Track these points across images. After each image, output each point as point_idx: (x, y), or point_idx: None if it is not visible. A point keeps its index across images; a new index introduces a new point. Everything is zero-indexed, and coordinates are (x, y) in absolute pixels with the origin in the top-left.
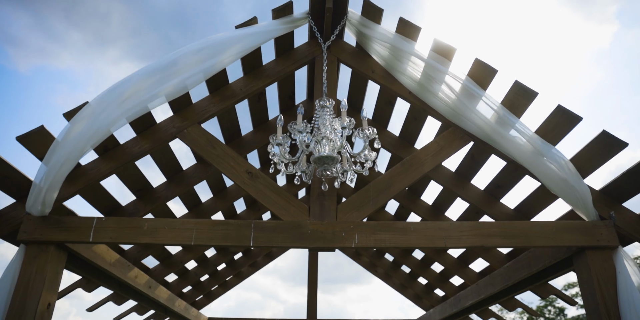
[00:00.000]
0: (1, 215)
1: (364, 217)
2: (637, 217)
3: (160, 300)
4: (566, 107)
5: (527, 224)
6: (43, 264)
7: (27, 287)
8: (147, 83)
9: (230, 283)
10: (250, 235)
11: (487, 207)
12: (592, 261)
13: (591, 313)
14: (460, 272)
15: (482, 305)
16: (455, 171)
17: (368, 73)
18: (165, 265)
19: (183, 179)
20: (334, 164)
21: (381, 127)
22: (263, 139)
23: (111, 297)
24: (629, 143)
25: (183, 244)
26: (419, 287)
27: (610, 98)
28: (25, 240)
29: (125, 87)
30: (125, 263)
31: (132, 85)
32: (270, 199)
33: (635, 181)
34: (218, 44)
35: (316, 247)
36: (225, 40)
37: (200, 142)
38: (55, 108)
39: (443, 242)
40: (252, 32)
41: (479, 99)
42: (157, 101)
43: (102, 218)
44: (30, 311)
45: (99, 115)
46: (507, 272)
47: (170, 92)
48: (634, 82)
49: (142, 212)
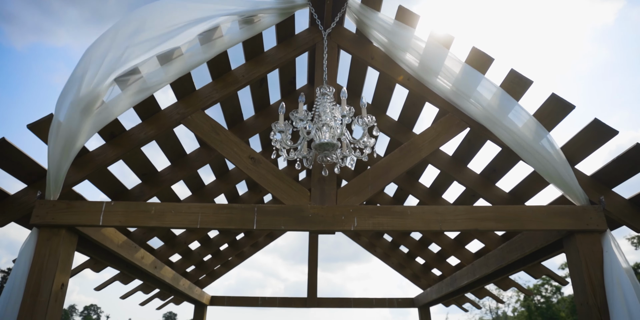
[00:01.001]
0: (13, 200)
1: (363, 201)
2: (626, 202)
3: (166, 280)
4: (560, 96)
5: (519, 208)
6: (56, 246)
7: (42, 268)
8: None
9: (232, 262)
10: (253, 218)
11: (483, 191)
12: (581, 244)
13: (579, 293)
14: (457, 252)
15: (477, 284)
16: (452, 155)
17: (368, 60)
18: (170, 246)
19: (187, 162)
20: (334, 150)
21: (380, 111)
22: (265, 124)
23: (118, 276)
24: (619, 131)
25: (189, 227)
26: (416, 267)
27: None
28: (37, 224)
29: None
30: (132, 244)
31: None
32: (273, 183)
33: (624, 167)
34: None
35: (317, 230)
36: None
37: (204, 128)
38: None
39: (438, 226)
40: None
41: (478, 84)
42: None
43: (111, 202)
44: (45, 291)
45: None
46: (501, 254)
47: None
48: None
49: (147, 195)
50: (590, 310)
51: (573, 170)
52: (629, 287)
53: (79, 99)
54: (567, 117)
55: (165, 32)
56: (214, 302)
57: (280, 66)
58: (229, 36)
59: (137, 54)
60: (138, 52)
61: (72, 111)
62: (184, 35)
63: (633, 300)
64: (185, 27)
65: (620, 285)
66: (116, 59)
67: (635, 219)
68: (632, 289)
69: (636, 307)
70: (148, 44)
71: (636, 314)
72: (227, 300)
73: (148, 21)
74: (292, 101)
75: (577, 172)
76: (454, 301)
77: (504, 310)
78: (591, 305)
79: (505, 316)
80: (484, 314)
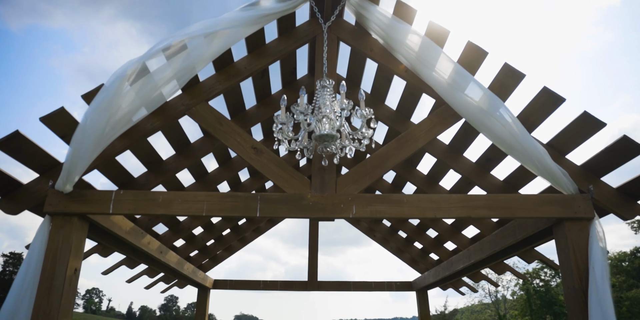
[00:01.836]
0: (26, 189)
1: (361, 190)
2: (613, 191)
3: (171, 264)
4: (551, 89)
5: (511, 197)
6: (68, 233)
7: (56, 254)
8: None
9: (234, 247)
10: (256, 206)
11: (478, 179)
12: (570, 231)
13: (566, 277)
14: (453, 238)
15: (473, 268)
16: (448, 144)
17: (367, 52)
18: (174, 231)
19: (191, 151)
20: (334, 141)
21: (379, 101)
22: (267, 113)
23: (124, 261)
24: (607, 123)
25: (195, 215)
26: (414, 252)
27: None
28: (51, 212)
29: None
30: (139, 230)
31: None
32: (275, 172)
33: (612, 158)
34: (225, 24)
35: (317, 217)
36: (233, 24)
37: (208, 119)
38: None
39: (433, 213)
40: (257, 15)
41: (469, 82)
42: (170, 85)
43: (120, 191)
44: (60, 276)
45: (119, 105)
46: (495, 239)
47: (182, 76)
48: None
49: (153, 184)
50: (577, 293)
51: (564, 160)
52: (601, 273)
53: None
54: (568, 102)
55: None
56: (216, 286)
57: (281, 58)
58: (232, 31)
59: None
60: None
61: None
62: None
63: (603, 285)
64: (202, 54)
65: (594, 270)
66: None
67: (623, 207)
68: (604, 274)
69: (604, 291)
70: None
71: (604, 296)
72: (229, 284)
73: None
74: (292, 91)
75: (568, 161)
76: (451, 285)
77: (503, 294)
78: (577, 289)
79: (504, 299)
80: (483, 297)
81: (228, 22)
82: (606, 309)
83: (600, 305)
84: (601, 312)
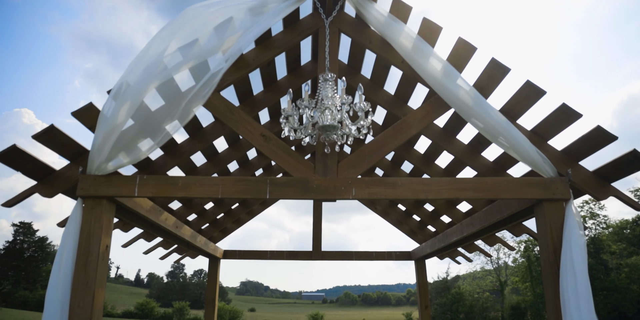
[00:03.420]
0: (59, 174)
1: (360, 173)
2: (590, 174)
3: (185, 238)
4: (533, 82)
5: (496, 180)
6: (99, 214)
7: (89, 233)
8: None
9: (243, 219)
10: (266, 189)
11: (469, 160)
12: (548, 210)
13: (543, 251)
14: (449, 211)
15: (466, 240)
16: (443, 127)
17: (366, 43)
18: (187, 206)
19: (204, 135)
20: (335, 130)
21: (378, 86)
22: (273, 98)
23: (142, 235)
24: (583, 114)
25: (211, 197)
26: (413, 223)
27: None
28: (83, 195)
29: (155, 68)
30: (157, 208)
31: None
32: (282, 158)
33: (588, 144)
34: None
35: (320, 198)
36: (245, 27)
37: (220, 108)
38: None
39: (425, 195)
40: (266, 18)
41: (457, 77)
42: (185, 78)
43: (144, 176)
44: (94, 252)
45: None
46: (484, 215)
47: (196, 72)
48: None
49: (169, 165)
50: (551, 266)
51: (545, 145)
52: (578, 248)
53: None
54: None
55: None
56: (226, 256)
57: (286, 50)
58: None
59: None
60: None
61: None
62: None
63: (579, 259)
64: (214, 53)
65: (570, 244)
66: (157, 63)
67: (597, 189)
68: (580, 249)
69: (579, 264)
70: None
71: (578, 267)
72: (238, 254)
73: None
74: (297, 77)
75: (549, 147)
76: (447, 255)
77: (505, 260)
78: (551, 262)
79: (505, 266)
80: (485, 264)
81: (240, 24)
82: (580, 280)
83: (575, 276)
84: (575, 282)
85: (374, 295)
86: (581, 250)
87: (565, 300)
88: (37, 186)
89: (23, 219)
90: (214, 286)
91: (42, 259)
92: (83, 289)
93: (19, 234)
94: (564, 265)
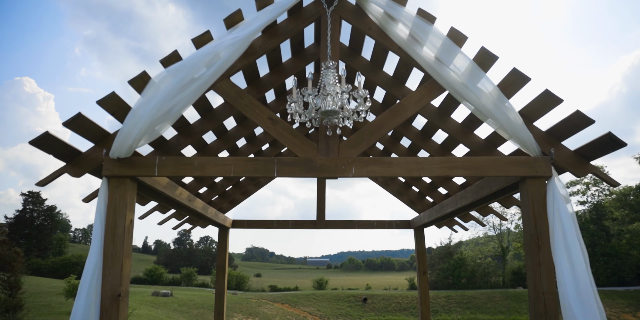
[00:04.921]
0: (85, 156)
1: (360, 153)
2: (571, 153)
3: (198, 210)
4: (519, 69)
5: (483, 159)
6: (123, 192)
7: (115, 209)
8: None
9: (250, 191)
10: (274, 168)
11: (463, 137)
12: (530, 187)
13: (525, 224)
14: (445, 184)
15: (461, 211)
16: (438, 107)
17: (365, 30)
18: (199, 181)
19: (214, 116)
20: (336, 115)
21: (377, 68)
22: (278, 79)
23: (157, 207)
24: (563, 99)
25: (224, 175)
26: (412, 194)
27: None
28: (108, 175)
29: (184, 72)
30: (173, 184)
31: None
32: (288, 139)
33: (570, 126)
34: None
35: (324, 176)
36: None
37: (230, 93)
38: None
39: (418, 173)
40: (271, 9)
41: (453, 57)
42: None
43: (163, 157)
44: (120, 226)
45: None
46: (476, 189)
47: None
48: None
49: (183, 145)
50: (532, 237)
51: (531, 126)
52: (568, 220)
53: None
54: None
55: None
56: (235, 225)
57: (291, 37)
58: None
59: None
60: None
61: None
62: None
63: (569, 228)
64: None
65: (561, 218)
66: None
67: (577, 166)
68: (570, 220)
69: (571, 233)
70: None
71: (570, 239)
72: (246, 223)
73: None
74: (301, 59)
75: (535, 127)
76: (444, 224)
77: (507, 226)
78: (532, 234)
79: (508, 232)
80: (487, 230)
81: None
82: (573, 249)
83: (567, 246)
84: (569, 252)
85: (377, 260)
86: (571, 221)
87: (561, 270)
88: (66, 167)
89: (30, 188)
90: (223, 254)
91: (51, 227)
92: (112, 258)
93: (28, 203)
94: (557, 236)
